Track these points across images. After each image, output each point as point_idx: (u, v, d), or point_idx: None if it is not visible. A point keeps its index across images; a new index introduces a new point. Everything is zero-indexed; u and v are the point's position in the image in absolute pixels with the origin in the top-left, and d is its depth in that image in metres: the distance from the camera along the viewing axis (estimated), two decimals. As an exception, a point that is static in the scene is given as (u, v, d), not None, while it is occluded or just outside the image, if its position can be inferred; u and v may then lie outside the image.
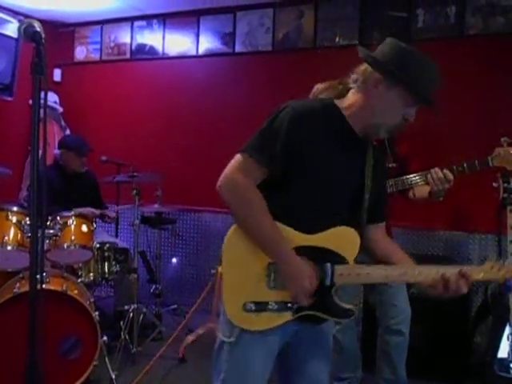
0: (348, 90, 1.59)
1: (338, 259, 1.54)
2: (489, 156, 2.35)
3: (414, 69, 1.46)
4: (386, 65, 1.48)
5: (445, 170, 2.32)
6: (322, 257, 1.53)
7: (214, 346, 1.61)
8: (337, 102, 1.58)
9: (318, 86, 1.69)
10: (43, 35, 1.06)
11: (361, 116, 1.54)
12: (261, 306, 1.51)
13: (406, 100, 1.49)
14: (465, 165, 2.35)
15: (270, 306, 1.51)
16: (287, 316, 1.53)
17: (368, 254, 1.69)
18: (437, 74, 1.50)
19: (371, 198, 1.61)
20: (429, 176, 2.35)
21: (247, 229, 1.53)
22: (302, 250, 1.52)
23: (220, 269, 1.55)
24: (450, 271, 1.50)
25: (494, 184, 2.73)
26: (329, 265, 1.52)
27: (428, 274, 1.51)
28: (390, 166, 2.56)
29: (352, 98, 1.56)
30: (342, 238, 1.56)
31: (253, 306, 1.51)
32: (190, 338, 2.02)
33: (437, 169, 2.34)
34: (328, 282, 1.52)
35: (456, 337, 3.07)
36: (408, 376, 2.65)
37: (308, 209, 1.54)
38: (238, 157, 1.53)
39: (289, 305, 1.52)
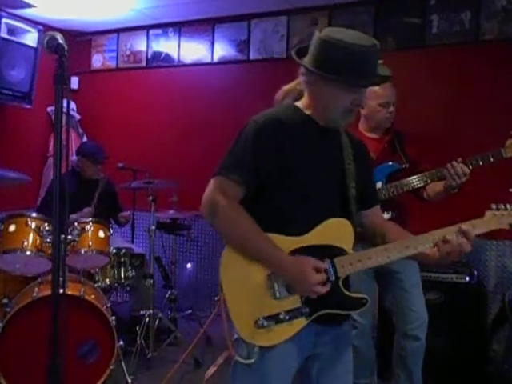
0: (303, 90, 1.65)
1: (336, 252, 1.53)
2: (501, 148, 2.37)
3: (341, 62, 1.46)
4: (312, 70, 1.52)
5: (460, 164, 2.35)
6: (319, 254, 1.52)
7: (231, 368, 1.58)
8: (297, 103, 1.64)
9: (281, 91, 1.75)
10: (66, 47, 1.09)
11: (317, 112, 1.59)
12: (272, 319, 1.48)
13: (344, 90, 1.51)
14: (478, 157, 2.37)
15: (281, 317, 1.48)
16: (302, 321, 1.50)
17: (371, 242, 1.68)
18: (368, 55, 1.48)
19: (359, 185, 1.62)
20: (445, 171, 2.39)
21: (239, 247, 1.52)
22: (297, 253, 1.51)
23: (222, 294, 1.52)
24: (451, 232, 1.50)
25: (511, 190, 2.71)
26: (328, 260, 1.51)
27: (430, 240, 1.51)
28: (403, 166, 2.59)
29: (305, 97, 1.63)
30: (335, 230, 1.56)
31: (264, 322, 1.47)
32: (212, 369, 2.01)
33: (454, 163, 2.36)
34: (332, 277, 1.51)
35: (473, 344, 3.04)
36: None
37: (295, 212, 1.54)
38: (213, 181, 1.57)
39: (301, 309, 1.50)
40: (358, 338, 2.69)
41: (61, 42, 1.08)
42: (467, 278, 3.12)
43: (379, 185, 2.58)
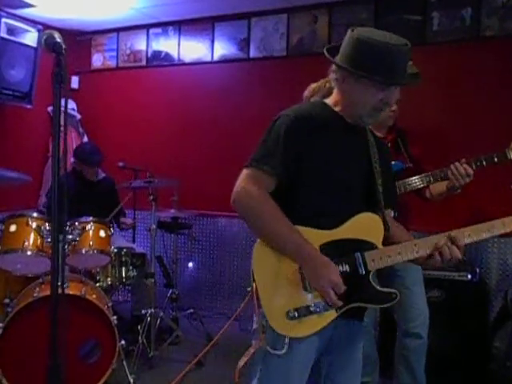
0: (333, 88, 1.68)
1: (366, 246, 1.56)
2: (506, 149, 2.35)
3: (372, 60, 1.49)
4: (345, 66, 1.54)
5: (464, 165, 2.33)
6: (350, 248, 1.55)
7: (254, 357, 1.61)
8: (326, 100, 1.67)
9: (309, 89, 1.80)
10: (64, 46, 1.08)
11: (345, 109, 1.61)
12: (303, 311, 1.50)
13: (375, 87, 1.53)
14: (482, 158, 2.36)
15: (312, 309, 1.50)
16: (332, 314, 1.52)
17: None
18: (399, 53, 1.51)
19: (382, 184, 1.66)
20: (449, 172, 2.38)
21: (267, 238, 1.54)
22: (328, 246, 1.53)
23: (254, 285, 1.54)
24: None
25: (512, 186, 2.71)
26: (358, 254, 1.54)
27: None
28: (407, 166, 2.58)
29: (334, 94, 1.66)
30: (365, 225, 1.59)
31: (296, 313, 1.49)
32: (244, 359, 1.97)
33: (457, 164, 2.35)
34: (362, 271, 1.54)
35: (475, 342, 3.03)
36: (427, 382, 2.63)
37: (325, 206, 1.57)
38: (245, 172, 1.57)
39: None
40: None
41: (58, 40, 1.07)
42: (469, 276, 3.11)
43: None
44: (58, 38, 1.08)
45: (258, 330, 1.57)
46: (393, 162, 2.58)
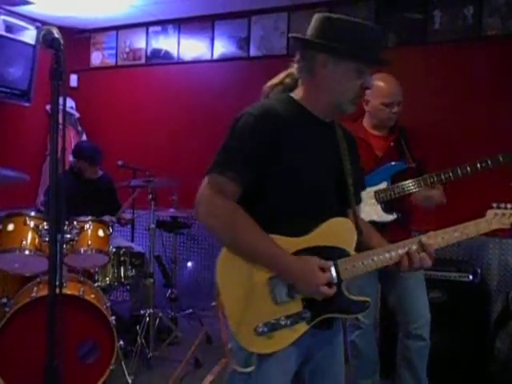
0: (297, 80, 1.57)
1: (338, 253, 1.48)
2: None
3: (352, 36, 1.43)
4: (324, 43, 1.45)
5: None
6: (322, 256, 1.46)
7: (227, 376, 1.50)
8: (292, 94, 1.56)
9: (268, 85, 1.66)
10: (62, 41, 1.06)
11: (320, 101, 1.51)
12: (273, 325, 1.42)
13: (358, 68, 1.46)
14: (488, 160, 2.34)
15: (282, 323, 1.42)
16: (303, 327, 1.45)
17: None
18: (375, 32, 1.48)
19: (353, 182, 1.57)
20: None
21: (239, 250, 1.45)
22: (300, 255, 1.45)
23: (220, 299, 1.46)
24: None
25: (512, 184, 2.69)
26: (331, 262, 1.46)
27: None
28: (410, 166, 2.55)
29: (304, 86, 1.54)
30: (337, 230, 1.51)
31: (265, 328, 1.41)
32: (209, 378, 1.90)
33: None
34: (334, 280, 1.46)
35: (476, 343, 3.01)
36: (428, 383, 2.61)
37: (295, 210, 1.47)
38: (207, 179, 1.46)
39: (302, 314, 1.44)
40: (361, 337, 2.66)
41: (56, 36, 1.05)
42: (470, 277, 3.09)
43: (384, 185, 2.53)
44: (56, 33, 1.05)
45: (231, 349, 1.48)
46: (393, 163, 2.57)
